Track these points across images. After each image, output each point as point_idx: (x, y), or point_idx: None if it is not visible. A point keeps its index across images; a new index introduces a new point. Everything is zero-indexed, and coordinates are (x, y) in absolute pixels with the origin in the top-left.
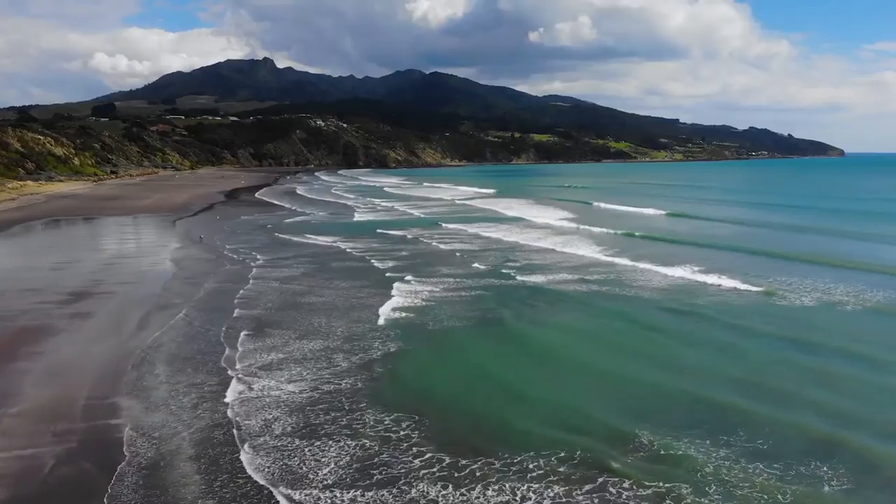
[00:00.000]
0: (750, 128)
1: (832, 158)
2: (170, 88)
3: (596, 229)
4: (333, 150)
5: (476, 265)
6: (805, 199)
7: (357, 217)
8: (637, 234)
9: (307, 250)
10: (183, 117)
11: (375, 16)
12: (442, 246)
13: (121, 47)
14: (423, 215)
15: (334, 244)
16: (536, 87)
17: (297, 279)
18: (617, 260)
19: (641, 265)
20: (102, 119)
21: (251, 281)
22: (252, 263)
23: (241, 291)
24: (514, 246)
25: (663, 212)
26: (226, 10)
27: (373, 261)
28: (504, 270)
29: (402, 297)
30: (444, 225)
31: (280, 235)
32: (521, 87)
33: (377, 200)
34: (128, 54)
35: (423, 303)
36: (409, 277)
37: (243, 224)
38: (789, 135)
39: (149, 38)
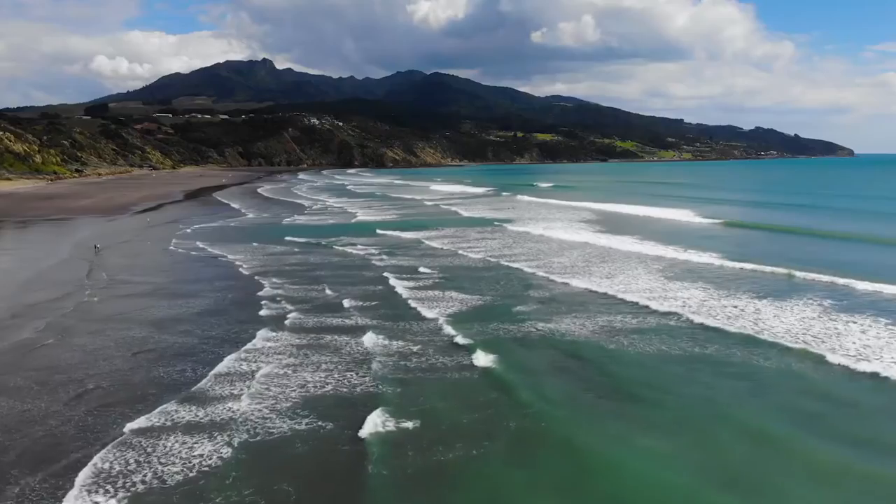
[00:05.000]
0: (756, 128)
1: (843, 158)
2: (168, 90)
3: (621, 243)
4: (328, 149)
5: (408, 300)
6: (872, 202)
7: (294, 219)
8: (685, 251)
9: (186, 269)
10: (170, 115)
11: (376, 18)
12: (376, 262)
13: (121, 50)
14: (370, 219)
15: (228, 257)
16: (539, 88)
17: (109, 328)
18: (666, 305)
19: (726, 322)
20: (85, 117)
21: (44, 336)
22: (88, 294)
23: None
24: (488, 265)
25: (717, 220)
26: (226, 13)
27: (260, 293)
28: (447, 325)
29: (232, 393)
30: (389, 232)
31: (180, 244)
32: (524, 89)
33: (332, 201)
34: (128, 57)
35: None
36: (292, 316)
37: (164, 228)
38: (796, 135)
39: (149, 40)
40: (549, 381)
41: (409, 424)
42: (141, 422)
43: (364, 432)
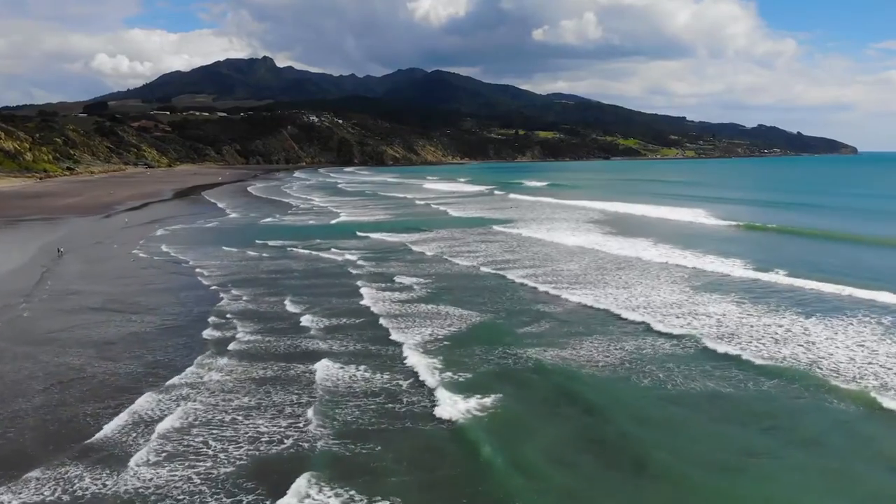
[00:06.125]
0: (759, 125)
1: (846, 156)
2: (168, 87)
3: (633, 248)
4: (327, 147)
5: (380, 318)
6: (887, 201)
7: (275, 220)
8: (705, 256)
9: (144, 279)
10: (168, 113)
11: (377, 16)
12: (352, 270)
13: (122, 48)
14: (354, 220)
15: (191, 263)
16: (540, 86)
17: (37, 352)
18: (697, 324)
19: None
20: (81, 115)
21: None
22: (23, 308)
23: None
24: (481, 275)
25: (733, 222)
26: (227, 11)
27: (215, 307)
28: (423, 356)
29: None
30: (372, 235)
31: (147, 248)
32: (525, 86)
33: (320, 200)
34: (129, 55)
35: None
36: (240, 338)
37: (139, 230)
38: (799, 132)
39: (150, 38)
40: (545, 444)
41: None
42: (23, 494)
43: None
